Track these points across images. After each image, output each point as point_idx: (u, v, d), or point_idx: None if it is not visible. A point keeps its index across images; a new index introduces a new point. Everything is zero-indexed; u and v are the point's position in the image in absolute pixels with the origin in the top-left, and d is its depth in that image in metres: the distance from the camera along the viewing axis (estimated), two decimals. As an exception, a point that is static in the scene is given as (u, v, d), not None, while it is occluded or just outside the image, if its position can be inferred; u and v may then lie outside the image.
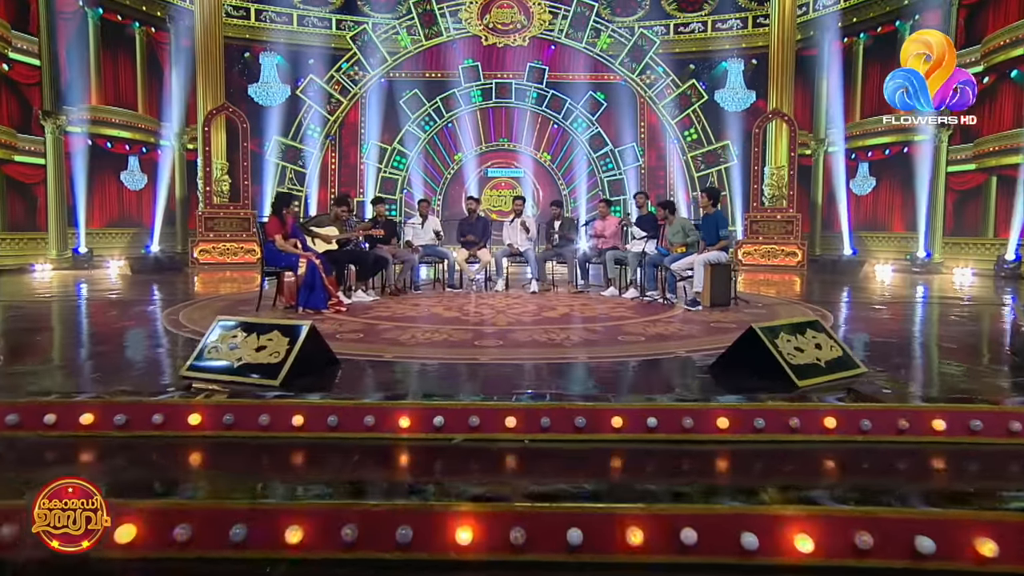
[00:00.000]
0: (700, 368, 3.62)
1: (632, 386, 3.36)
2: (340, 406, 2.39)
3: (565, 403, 2.42)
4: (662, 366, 3.75)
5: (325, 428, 2.32)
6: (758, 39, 15.24)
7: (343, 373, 3.43)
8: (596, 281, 8.22)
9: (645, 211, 7.26)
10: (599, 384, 3.32)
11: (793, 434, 2.42)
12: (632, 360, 3.80)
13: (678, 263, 6.35)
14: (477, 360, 3.75)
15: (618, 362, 3.76)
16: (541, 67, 15.72)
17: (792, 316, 5.41)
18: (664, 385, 3.37)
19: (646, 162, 16.26)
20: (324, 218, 6.52)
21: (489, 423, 2.29)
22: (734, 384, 3.23)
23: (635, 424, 2.30)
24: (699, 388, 3.26)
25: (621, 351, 4.04)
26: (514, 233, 7.78)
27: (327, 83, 15.26)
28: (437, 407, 2.35)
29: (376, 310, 5.88)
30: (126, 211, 12.72)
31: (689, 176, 15.71)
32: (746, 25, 15.58)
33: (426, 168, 16.11)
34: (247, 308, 5.87)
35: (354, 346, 4.14)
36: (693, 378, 3.48)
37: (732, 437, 2.38)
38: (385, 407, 2.38)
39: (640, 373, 3.60)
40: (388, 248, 7.20)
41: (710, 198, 6.38)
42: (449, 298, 6.84)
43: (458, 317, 5.47)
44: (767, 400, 2.65)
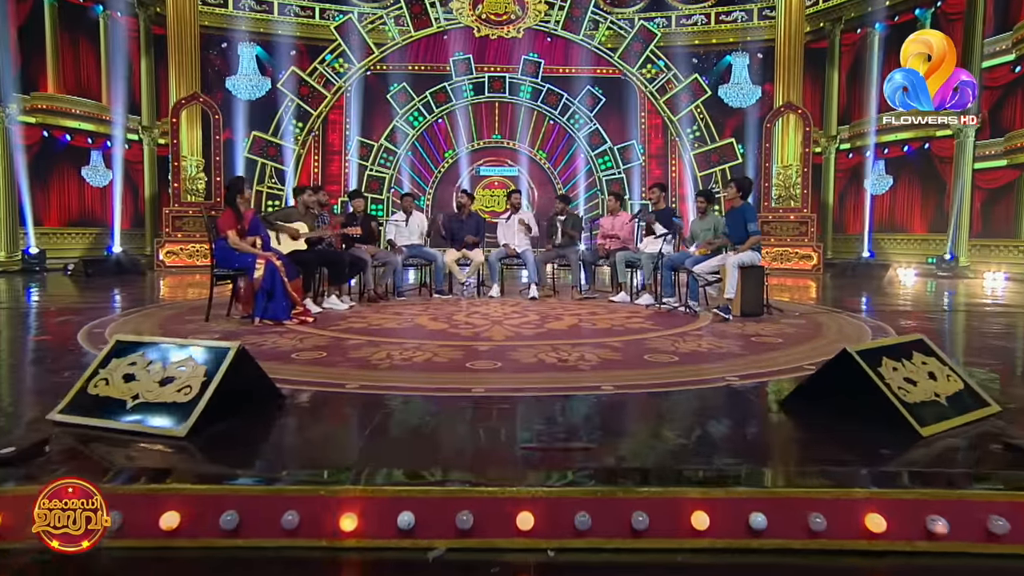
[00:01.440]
0: (765, 401, 2.74)
1: (687, 434, 2.47)
2: (242, 494, 1.49)
3: (615, 489, 1.50)
4: (715, 399, 2.86)
5: (217, 533, 1.42)
6: (764, 32, 14.50)
7: (277, 420, 2.52)
8: (601, 286, 7.34)
9: (662, 206, 6.40)
10: (638, 430, 2.44)
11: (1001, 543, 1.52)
12: (672, 390, 2.91)
13: (703, 266, 5.49)
14: (468, 391, 2.86)
15: (655, 392, 2.87)
16: (536, 60, 14.88)
17: (842, 329, 4.56)
18: (733, 434, 2.48)
19: (647, 160, 15.45)
20: (292, 211, 5.60)
21: (490, 522, 1.40)
22: (825, 428, 2.36)
23: (729, 523, 1.42)
24: (789, 443, 2.38)
25: (653, 376, 3.16)
26: (510, 232, 6.89)
27: (310, 76, 14.35)
28: (405, 494, 1.45)
29: (350, 320, 4.98)
30: (88, 209, 11.70)
31: (692, 175, 14.93)
32: (751, 17, 14.82)
33: (415, 166, 15.22)
34: (196, 319, 4.94)
35: (310, 370, 3.24)
36: (764, 421, 2.59)
37: (895, 546, 1.49)
38: (319, 495, 1.47)
39: (690, 411, 2.72)
40: (367, 249, 6.29)
41: (739, 188, 5.51)
42: (436, 306, 5.94)
43: (446, 330, 4.57)
44: (928, 485, 1.76)
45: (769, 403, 2.72)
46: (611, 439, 2.32)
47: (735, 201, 5.52)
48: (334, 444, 2.31)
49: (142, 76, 12.67)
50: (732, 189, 5.54)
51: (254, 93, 14.08)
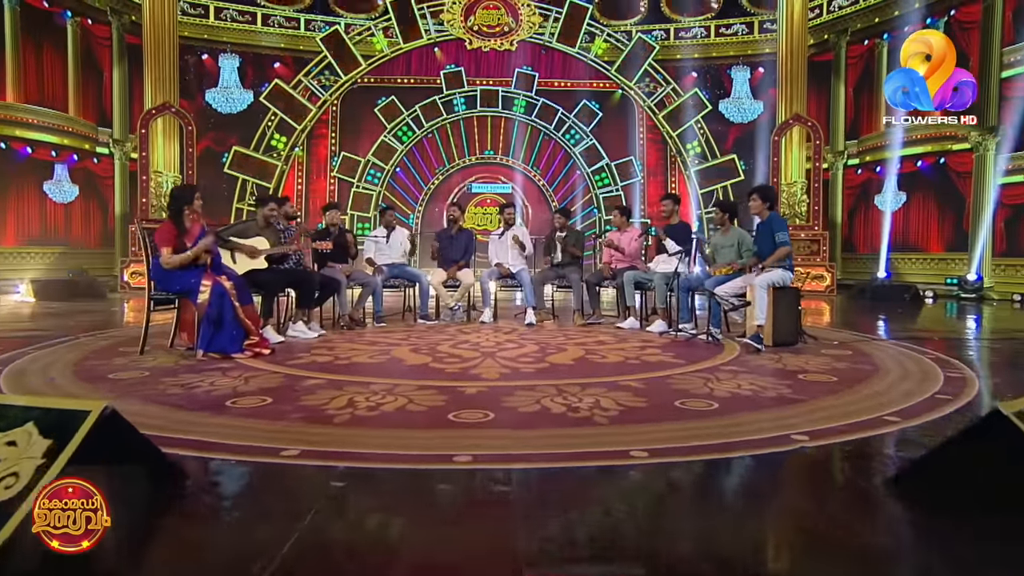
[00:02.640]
0: (866, 479, 1.99)
1: (774, 544, 1.70)
2: None
3: None
4: (791, 473, 2.11)
5: None
6: (765, 45, 14.04)
7: (155, 521, 1.74)
8: (606, 309, 6.61)
9: (675, 220, 5.69)
10: (699, 533, 1.67)
11: None
12: (727, 456, 2.15)
13: (727, 287, 4.76)
14: (449, 459, 2.09)
15: (701, 462, 2.11)
16: (531, 73, 14.34)
17: (903, 364, 3.83)
18: (843, 538, 1.72)
19: (645, 177, 14.85)
20: (250, 225, 4.84)
21: None
22: (970, 533, 1.60)
23: None
24: (940, 561, 1.62)
25: (694, 432, 2.40)
26: (503, 250, 6.17)
27: (294, 89, 13.73)
28: None
29: (315, 352, 4.20)
30: (50, 227, 10.90)
31: (694, 192, 14.34)
32: (752, 30, 14.39)
33: (403, 183, 14.54)
34: (131, 351, 4.15)
35: (242, 427, 2.46)
36: (882, 516, 1.82)
37: None
38: None
39: (763, 494, 1.96)
40: (342, 268, 5.54)
41: (764, 199, 4.81)
42: (420, 333, 5.17)
43: (428, 365, 3.80)
44: None
45: (873, 481, 1.95)
46: (663, 554, 1.55)
47: (762, 213, 4.81)
48: (231, 567, 1.53)
49: (114, 87, 11.98)
50: (756, 201, 4.84)
51: (235, 106, 13.45)
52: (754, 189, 5.00)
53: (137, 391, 3.03)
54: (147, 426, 2.31)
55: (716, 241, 5.25)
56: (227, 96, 13.34)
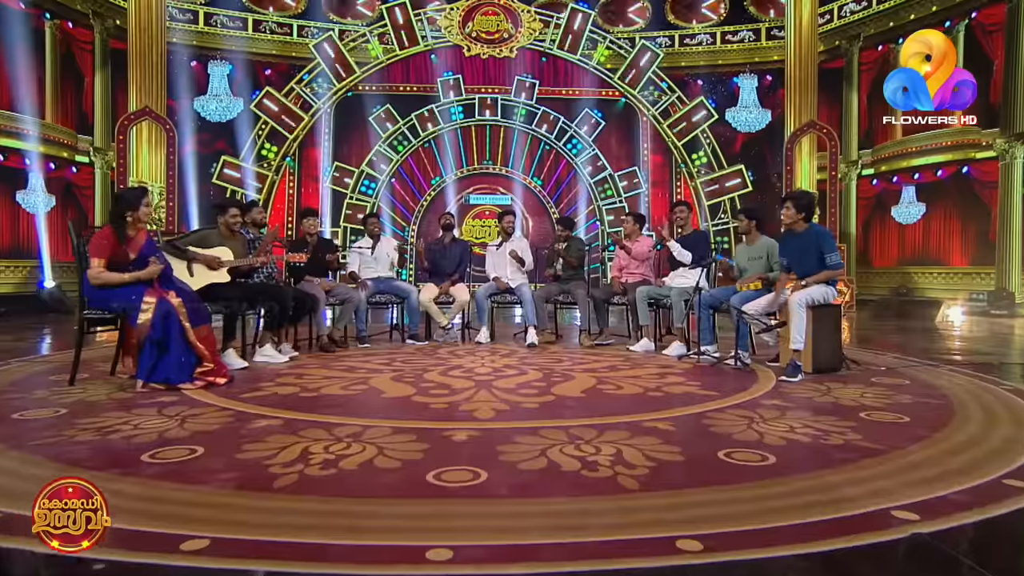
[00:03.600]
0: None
1: None
2: None
3: None
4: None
5: None
6: (773, 52, 13.59)
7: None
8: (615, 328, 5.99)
9: (689, 229, 5.09)
10: None
11: None
12: (809, 551, 1.52)
13: (756, 305, 4.15)
14: (421, 560, 1.46)
15: (781, 562, 1.48)
16: (531, 81, 13.83)
17: (979, 398, 3.21)
18: None
19: (649, 188, 14.29)
20: (210, 234, 4.21)
21: None
22: None
23: None
24: None
25: (753, 504, 1.77)
26: (501, 263, 5.56)
27: (286, 97, 13.23)
28: None
29: (280, 381, 3.58)
30: (22, 239, 10.30)
31: (699, 204, 13.79)
32: (759, 37, 13.93)
33: (399, 194, 13.97)
34: (63, 380, 3.52)
35: (147, 494, 1.83)
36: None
37: None
38: None
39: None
40: (321, 283, 4.93)
41: (799, 209, 4.19)
42: (407, 356, 4.55)
43: (410, 398, 3.18)
44: None
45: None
46: None
47: (796, 225, 4.20)
48: None
49: (96, 94, 11.45)
50: (790, 210, 4.21)
51: (225, 115, 12.94)
52: (788, 196, 4.37)
53: (35, 437, 2.41)
54: (11, 496, 1.70)
55: (742, 252, 4.65)
56: (216, 105, 12.87)
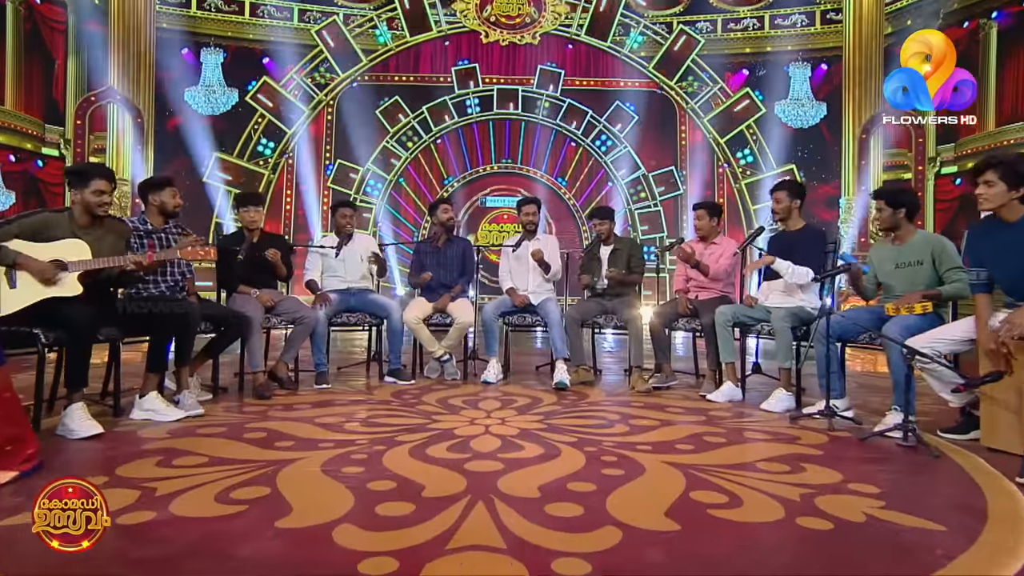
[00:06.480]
0: None
1: None
2: None
3: None
4: None
5: None
6: (829, 38, 12.01)
7: None
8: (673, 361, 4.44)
9: (793, 226, 3.54)
10: None
11: None
12: None
13: (931, 339, 2.60)
14: None
15: None
16: (556, 70, 12.38)
17: None
18: None
19: (687, 191, 12.73)
20: (55, 218, 2.71)
21: None
22: None
23: None
24: None
25: None
26: (520, 269, 4.06)
27: (286, 88, 11.99)
28: None
29: (145, 459, 2.11)
30: (-23, 241, 9.09)
31: (745, 208, 12.23)
32: (813, 21, 12.34)
33: (408, 195, 12.58)
34: None
35: None
36: None
37: None
38: None
39: None
40: (261, 296, 3.47)
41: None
42: (376, 409, 3.06)
43: (348, 514, 1.68)
44: None
45: None
46: None
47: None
48: None
49: (68, 79, 10.25)
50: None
51: (218, 107, 11.76)
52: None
53: None
54: None
55: (883, 257, 3.09)
56: (208, 96, 11.71)
